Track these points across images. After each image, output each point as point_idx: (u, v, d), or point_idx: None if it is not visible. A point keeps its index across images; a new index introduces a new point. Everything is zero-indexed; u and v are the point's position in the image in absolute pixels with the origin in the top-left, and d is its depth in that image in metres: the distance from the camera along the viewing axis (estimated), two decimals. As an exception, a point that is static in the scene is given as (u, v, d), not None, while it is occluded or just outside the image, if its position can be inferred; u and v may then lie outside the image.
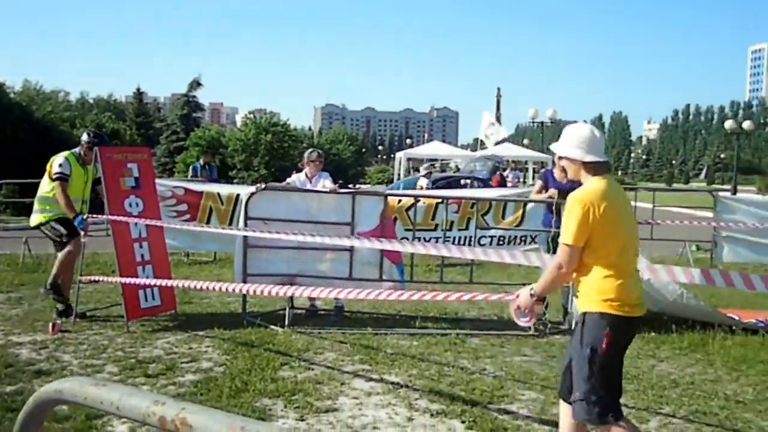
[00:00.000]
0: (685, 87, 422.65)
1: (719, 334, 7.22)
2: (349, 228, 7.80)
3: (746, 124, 49.66)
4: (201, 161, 15.92)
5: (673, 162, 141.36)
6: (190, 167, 16.81)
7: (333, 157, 49.51)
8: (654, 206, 14.19)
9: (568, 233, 3.50)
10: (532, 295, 3.66)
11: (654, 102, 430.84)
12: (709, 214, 13.86)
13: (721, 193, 14.79)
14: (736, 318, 7.70)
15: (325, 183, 8.07)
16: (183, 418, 1.25)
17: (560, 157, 3.80)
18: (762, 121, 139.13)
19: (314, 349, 6.54)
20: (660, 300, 7.54)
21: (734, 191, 34.19)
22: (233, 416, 1.21)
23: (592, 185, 3.58)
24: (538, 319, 4.01)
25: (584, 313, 3.54)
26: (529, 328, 7.29)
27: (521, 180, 32.46)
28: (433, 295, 4.82)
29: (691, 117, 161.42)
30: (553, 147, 3.86)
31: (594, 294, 3.49)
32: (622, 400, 5.26)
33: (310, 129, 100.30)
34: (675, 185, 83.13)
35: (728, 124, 45.72)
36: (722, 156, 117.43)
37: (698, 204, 19.91)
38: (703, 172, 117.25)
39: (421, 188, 17.69)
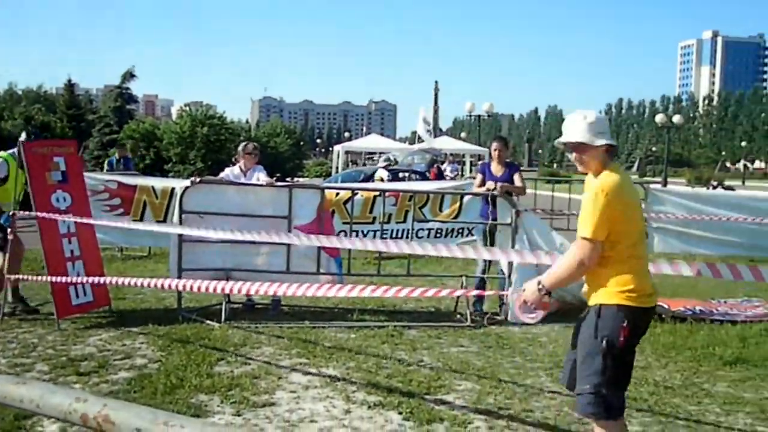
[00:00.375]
0: (618, 82, 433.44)
1: (649, 322, 7.40)
2: (285, 221, 7.74)
3: (676, 118, 51.25)
4: (116, 155, 15.89)
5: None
6: (106, 162, 16.70)
7: (270, 150, 49.01)
8: (588, 198, 14.49)
9: (590, 227, 3.34)
10: (540, 290, 3.50)
11: (588, 96, 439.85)
12: (641, 206, 14.24)
13: (651, 185, 15.21)
14: (666, 307, 7.91)
15: (260, 176, 8.00)
16: (105, 414, 1.22)
17: (575, 147, 3.50)
18: (691, 115, 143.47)
19: (251, 344, 6.48)
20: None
21: (665, 183, 35.21)
22: (157, 411, 1.18)
23: (611, 175, 3.43)
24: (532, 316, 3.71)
25: (600, 305, 3.42)
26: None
27: (460, 173, 32.73)
28: (372, 289, 4.83)
29: (623, 111, 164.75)
30: (571, 137, 3.49)
31: (612, 286, 3.39)
32: (557, 389, 5.40)
33: (247, 122, 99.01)
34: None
35: (659, 117, 47.07)
36: (654, 149, 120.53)
37: (630, 196, 20.39)
38: (636, 164, 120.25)
39: (381, 180, 17.61)
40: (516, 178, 8.23)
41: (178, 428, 1.08)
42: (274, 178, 8.46)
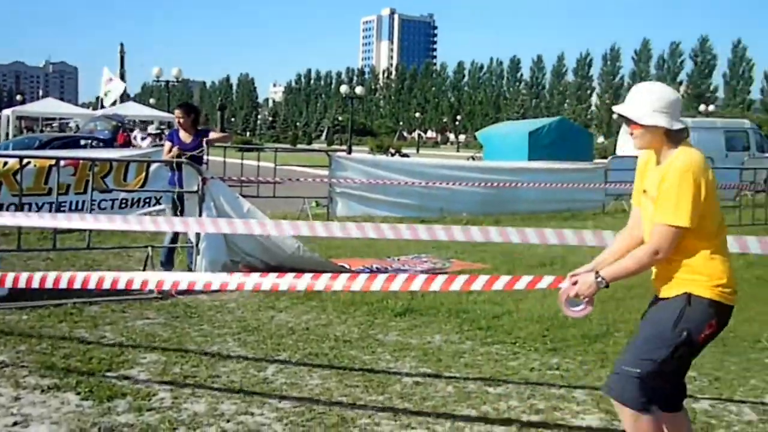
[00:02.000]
0: (308, 52, 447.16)
1: (332, 282, 7.82)
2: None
3: (359, 90, 54.53)
4: None
5: (298, 124, 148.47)
6: None
7: None
8: (276, 166, 14.88)
9: (678, 212, 2.96)
10: (598, 282, 3.11)
11: (279, 65, 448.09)
12: (326, 173, 14.95)
13: (337, 153, 16.03)
14: (347, 266, 8.44)
15: None
16: None
17: (637, 124, 3.11)
18: (373, 87, 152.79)
19: None
20: (279, 254, 7.96)
21: (349, 151, 37.28)
22: None
23: (694, 154, 3.06)
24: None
25: (689, 294, 3.06)
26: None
27: (151, 141, 31.51)
28: (40, 281, 4.55)
29: (312, 81, 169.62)
30: (627, 112, 3.12)
31: (705, 277, 3.06)
32: (243, 354, 5.49)
33: None
34: (299, 146, 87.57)
35: (343, 88, 49.72)
36: (340, 118, 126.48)
37: (317, 163, 21.29)
38: (324, 133, 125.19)
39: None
40: (211, 134, 8.57)
41: None
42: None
